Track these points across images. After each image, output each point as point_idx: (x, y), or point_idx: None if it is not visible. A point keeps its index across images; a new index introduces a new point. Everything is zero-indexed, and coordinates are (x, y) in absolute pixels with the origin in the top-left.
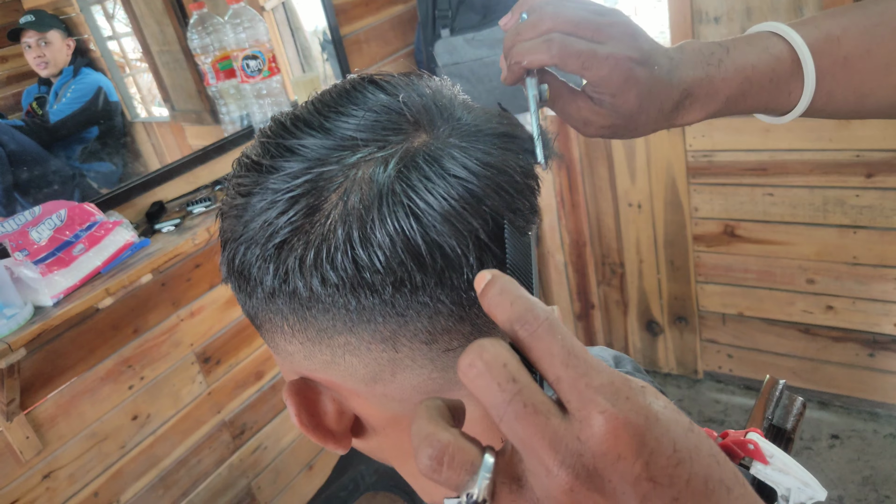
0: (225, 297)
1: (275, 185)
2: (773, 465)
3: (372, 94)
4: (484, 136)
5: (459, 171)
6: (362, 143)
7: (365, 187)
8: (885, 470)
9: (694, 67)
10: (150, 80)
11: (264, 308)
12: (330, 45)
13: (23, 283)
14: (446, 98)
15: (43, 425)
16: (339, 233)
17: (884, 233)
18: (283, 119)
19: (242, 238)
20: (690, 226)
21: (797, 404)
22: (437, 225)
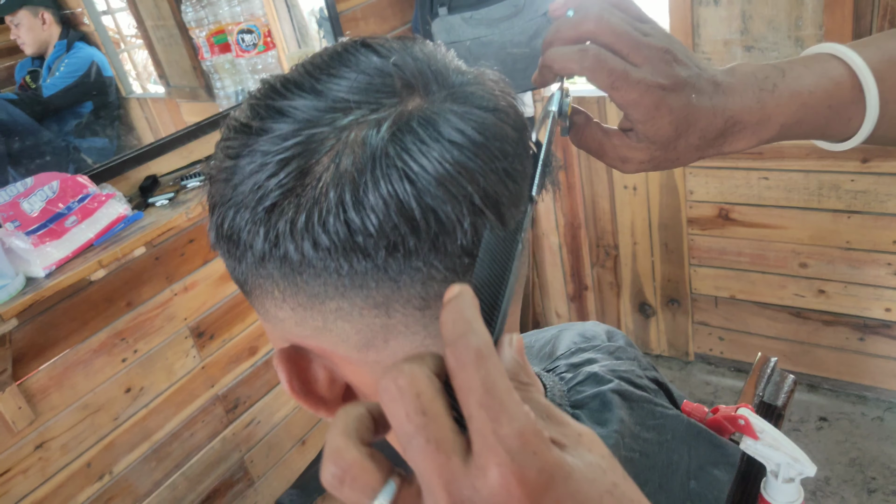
0: (219, 273)
1: (264, 147)
2: (763, 440)
3: (365, 57)
4: (479, 101)
5: (455, 135)
6: (355, 105)
7: (358, 150)
8: (871, 452)
9: (744, 93)
10: (145, 55)
11: (254, 273)
12: (326, 22)
13: (14, 254)
14: (440, 62)
15: (35, 396)
16: (331, 195)
17: (877, 218)
18: (273, 81)
19: (231, 202)
20: (685, 209)
21: (788, 382)
22: (431, 189)
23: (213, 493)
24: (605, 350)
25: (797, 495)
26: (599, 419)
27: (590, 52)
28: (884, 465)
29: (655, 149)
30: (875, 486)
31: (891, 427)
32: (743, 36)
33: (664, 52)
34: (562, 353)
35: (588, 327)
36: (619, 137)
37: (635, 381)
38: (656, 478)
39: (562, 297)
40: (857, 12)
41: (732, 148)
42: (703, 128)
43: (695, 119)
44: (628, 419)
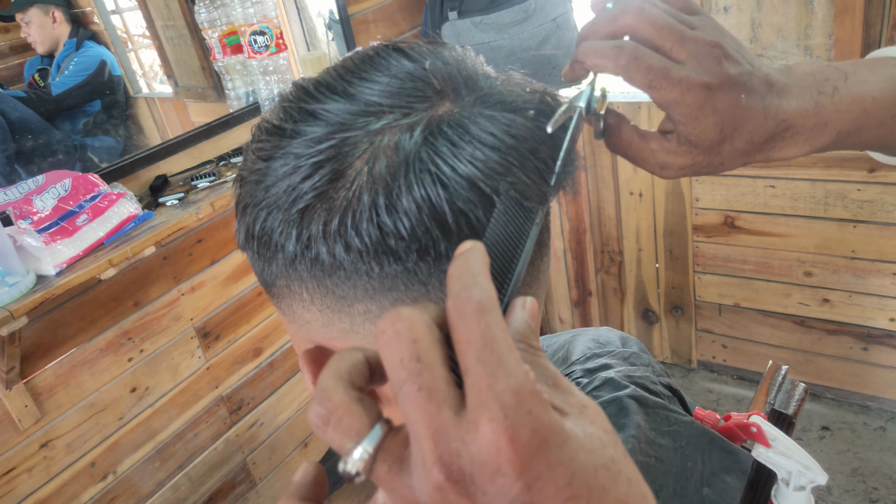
0: (226, 274)
1: (297, 149)
2: (775, 448)
3: (396, 61)
4: (508, 106)
5: (486, 137)
6: (387, 109)
7: (391, 153)
8: (873, 462)
9: (800, 95)
10: (154, 55)
11: (284, 275)
12: (337, 25)
13: (25, 252)
14: (470, 67)
15: (42, 394)
16: (364, 199)
17: (883, 228)
18: (306, 84)
19: (264, 203)
20: (691, 216)
21: (799, 390)
22: (463, 192)
23: (216, 494)
24: (619, 356)
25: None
26: (616, 424)
27: (626, 49)
28: (886, 475)
29: (698, 153)
30: (877, 496)
31: (893, 437)
32: (752, 44)
33: (712, 46)
34: (577, 359)
35: (602, 333)
36: (657, 141)
37: (650, 387)
38: (671, 483)
39: (566, 303)
40: (868, 21)
41: (782, 154)
42: (751, 131)
43: (743, 121)
44: (644, 425)
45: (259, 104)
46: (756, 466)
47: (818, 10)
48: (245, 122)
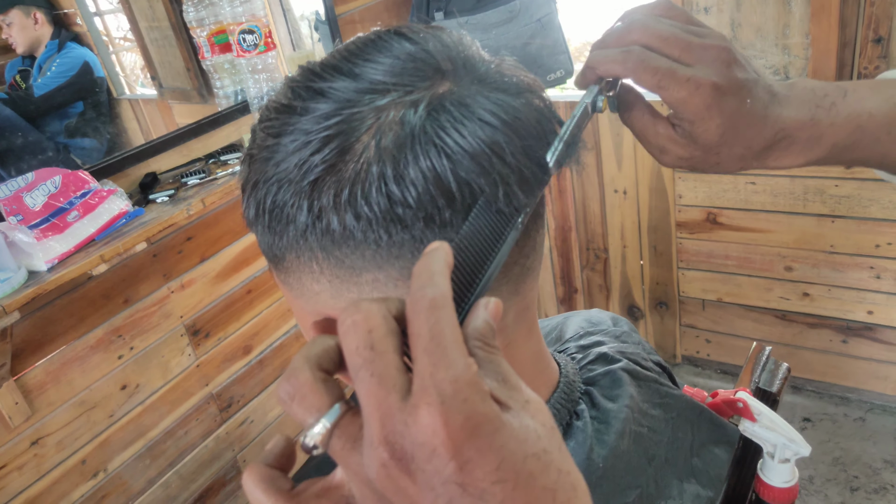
0: (215, 271)
1: (307, 125)
2: (760, 422)
3: (398, 44)
4: (503, 85)
5: (485, 115)
6: (391, 87)
7: (397, 128)
8: (853, 451)
9: (799, 108)
10: (135, 57)
11: (294, 247)
12: (323, 25)
13: (17, 248)
14: (467, 50)
15: (32, 392)
16: (373, 170)
17: (860, 222)
18: (312, 66)
19: (275, 178)
20: (674, 212)
21: (782, 369)
22: (466, 163)
23: (206, 491)
24: (611, 334)
25: (792, 475)
26: (610, 395)
27: (634, 52)
28: (866, 464)
29: (696, 149)
30: (857, 484)
31: (872, 427)
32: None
33: (721, 50)
34: (570, 337)
35: (593, 314)
36: (664, 127)
37: (641, 362)
38: (663, 452)
39: (552, 300)
40: (843, 21)
41: (778, 163)
42: (750, 137)
43: (744, 126)
44: (637, 396)
45: (248, 103)
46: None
47: (795, 10)
48: (234, 121)
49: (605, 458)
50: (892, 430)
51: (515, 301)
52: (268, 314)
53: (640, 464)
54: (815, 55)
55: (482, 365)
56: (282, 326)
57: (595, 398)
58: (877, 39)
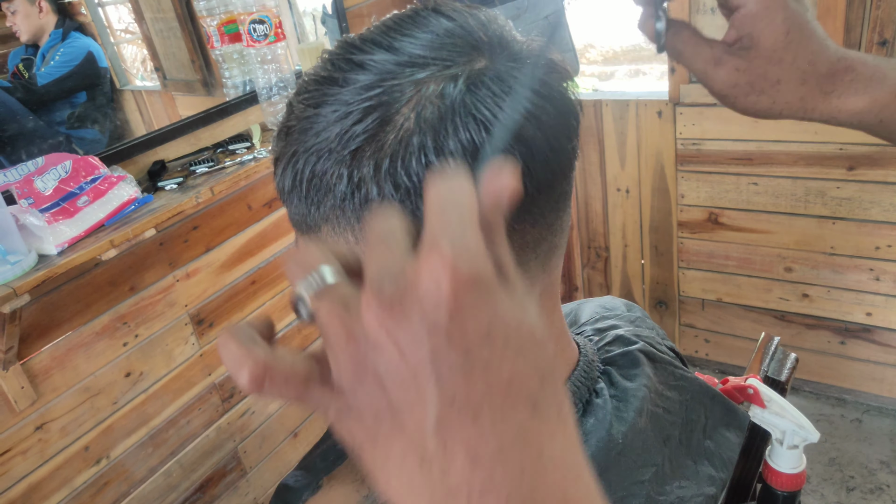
0: (220, 261)
1: (347, 96)
2: (770, 408)
3: (435, 20)
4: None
5: (522, 90)
6: (431, 61)
7: (437, 100)
8: (849, 452)
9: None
10: (138, 48)
11: (331, 217)
12: (331, 19)
13: (28, 231)
14: (502, 28)
15: (38, 376)
16: (413, 140)
17: (861, 224)
18: (351, 40)
19: (314, 148)
20: (676, 212)
21: (790, 359)
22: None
23: (207, 481)
24: (626, 318)
25: (800, 462)
26: (628, 375)
27: None
28: (861, 464)
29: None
30: (853, 484)
31: (868, 428)
32: None
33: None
34: (586, 321)
35: (607, 300)
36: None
37: (656, 346)
38: (677, 433)
39: None
40: (848, 24)
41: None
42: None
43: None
44: (654, 377)
45: (256, 93)
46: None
47: None
48: (242, 111)
49: (625, 435)
50: (888, 431)
51: (542, 277)
52: (271, 305)
53: (656, 443)
54: None
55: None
56: (284, 318)
57: (614, 377)
58: (882, 42)
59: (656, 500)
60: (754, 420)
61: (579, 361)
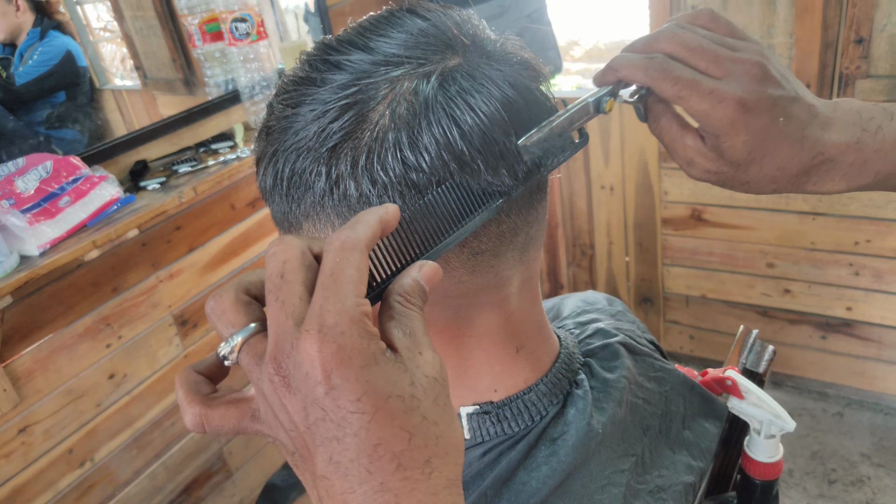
0: (204, 262)
1: (325, 95)
2: (748, 399)
3: (410, 20)
4: (507, 61)
5: (493, 88)
6: (405, 59)
7: (411, 97)
8: (831, 445)
9: (842, 131)
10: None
11: (311, 214)
12: (314, 17)
13: (9, 232)
14: (475, 27)
15: (20, 379)
16: (389, 137)
17: (840, 220)
18: (328, 41)
19: (293, 146)
20: (660, 209)
21: (768, 352)
22: (476, 131)
23: (192, 483)
24: (607, 312)
25: (777, 451)
26: (608, 367)
27: (657, 60)
28: (843, 457)
29: (724, 164)
30: (835, 477)
31: (850, 422)
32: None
33: (752, 65)
34: (568, 315)
35: (589, 294)
36: (692, 138)
37: (636, 339)
38: (657, 423)
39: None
40: (826, 22)
41: (817, 189)
42: (783, 158)
43: (775, 147)
44: (633, 369)
45: (239, 92)
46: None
47: (780, 10)
48: (224, 110)
49: (604, 425)
50: (868, 424)
51: (520, 269)
52: None
53: (636, 433)
54: (798, 55)
55: (395, 316)
56: None
57: (594, 369)
58: (858, 40)
59: (636, 489)
60: (733, 411)
61: (560, 354)
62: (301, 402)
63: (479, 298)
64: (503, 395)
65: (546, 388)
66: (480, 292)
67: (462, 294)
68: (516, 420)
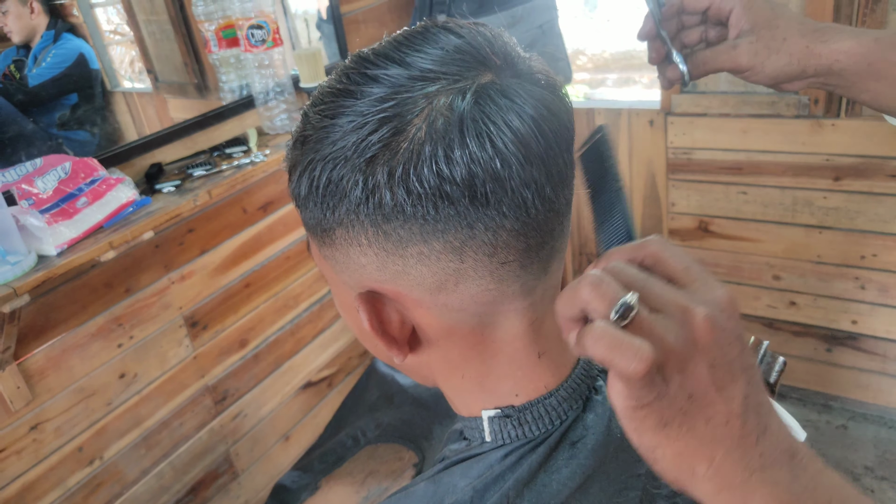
0: (215, 264)
1: (363, 108)
2: None
3: (444, 37)
4: (537, 80)
5: (525, 105)
6: (441, 75)
7: (447, 112)
8: (834, 458)
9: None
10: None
11: (345, 222)
12: (326, 25)
13: (27, 232)
14: (505, 44)
15: (33, 377)
16: (425, 149)
17: (847, 234)
18: (365, 54)
19: (331, 156)
20: (667, 220)
21: (779, 363)
22: (509, 147)
23: (199, 484)
24: None
25: None
26: None
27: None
28: (847, 470)
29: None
30: None
31: (854, 435)
32: None
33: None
34: None
35: None
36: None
37: None
38: None
39: None
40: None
41: (839, 45)
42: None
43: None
44: None
45: (253, 97)
46: None
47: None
48: (238, 115)
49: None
50: (872, 437)
51: (544, 279)
52: (264, 309)
53: None
54: None
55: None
56: (278, 321)
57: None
58: None
59: (652, 493)
60: None
61: (579, 360)
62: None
63: (504, 306)
64: (524, 400)
65: (566, 393)
66: (506, 300)
67: (488, 301)
68: (537, 424)
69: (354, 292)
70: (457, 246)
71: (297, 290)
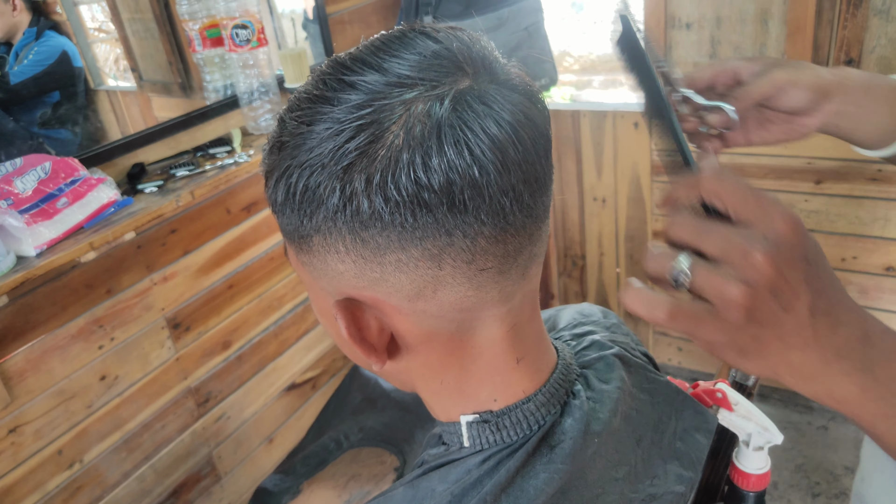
0: (198, 265)
1: (339, 115)
2: (737, 411)
3: (422, 42)
4: (514, 86)
5: (503, 112)
6: (418, 81)
7: (424, 119)
8: (815, 458)
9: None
10: (110, 48)
11: (323, 229)
12: (312, 25)
13: (6, 232)
14: (484, 49)
15: (12, 379)
16: (403, 157)
17: (828, 236)
18: (342, 59)
19: (307, 163)
20: (651, 221)
21: None
22: (487, 154)
23: (180, 487)
24: (602, 325)
25: (765, 463)
26: (604, 378)
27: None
28: (827, 470)
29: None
30: (819, 490)
31: (834, 436)
32: (711, 59)
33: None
34: (564, 326)
35: (584, 307)
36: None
37: (630, 351)
38: (649, 434)
39: None
40: (817, 42)
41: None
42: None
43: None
44: (627, 380)
45: (238, 97)
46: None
47: (772, 30)
48: (222, 115)
49: (600, 434)
50: (852, 438)
51: (522, 285)
52: (248, 310)
53: (629, 443)
54: None
55: None
56: (261, 322)
57: (590, 380)
58: (848, 61)
59: (629, 498)
60: (722, 422)
61: (558, 365)
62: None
63: (483, 312)
64: (503, 405)
65: (544, 398)
66: (484, 306)
67: (467, 308)
68: (515, 429)
69: (332, 299)
70: (435, 253)
71: (281, 291)
